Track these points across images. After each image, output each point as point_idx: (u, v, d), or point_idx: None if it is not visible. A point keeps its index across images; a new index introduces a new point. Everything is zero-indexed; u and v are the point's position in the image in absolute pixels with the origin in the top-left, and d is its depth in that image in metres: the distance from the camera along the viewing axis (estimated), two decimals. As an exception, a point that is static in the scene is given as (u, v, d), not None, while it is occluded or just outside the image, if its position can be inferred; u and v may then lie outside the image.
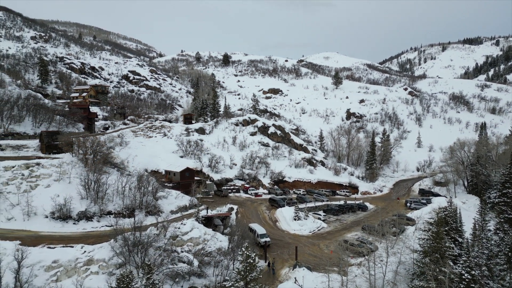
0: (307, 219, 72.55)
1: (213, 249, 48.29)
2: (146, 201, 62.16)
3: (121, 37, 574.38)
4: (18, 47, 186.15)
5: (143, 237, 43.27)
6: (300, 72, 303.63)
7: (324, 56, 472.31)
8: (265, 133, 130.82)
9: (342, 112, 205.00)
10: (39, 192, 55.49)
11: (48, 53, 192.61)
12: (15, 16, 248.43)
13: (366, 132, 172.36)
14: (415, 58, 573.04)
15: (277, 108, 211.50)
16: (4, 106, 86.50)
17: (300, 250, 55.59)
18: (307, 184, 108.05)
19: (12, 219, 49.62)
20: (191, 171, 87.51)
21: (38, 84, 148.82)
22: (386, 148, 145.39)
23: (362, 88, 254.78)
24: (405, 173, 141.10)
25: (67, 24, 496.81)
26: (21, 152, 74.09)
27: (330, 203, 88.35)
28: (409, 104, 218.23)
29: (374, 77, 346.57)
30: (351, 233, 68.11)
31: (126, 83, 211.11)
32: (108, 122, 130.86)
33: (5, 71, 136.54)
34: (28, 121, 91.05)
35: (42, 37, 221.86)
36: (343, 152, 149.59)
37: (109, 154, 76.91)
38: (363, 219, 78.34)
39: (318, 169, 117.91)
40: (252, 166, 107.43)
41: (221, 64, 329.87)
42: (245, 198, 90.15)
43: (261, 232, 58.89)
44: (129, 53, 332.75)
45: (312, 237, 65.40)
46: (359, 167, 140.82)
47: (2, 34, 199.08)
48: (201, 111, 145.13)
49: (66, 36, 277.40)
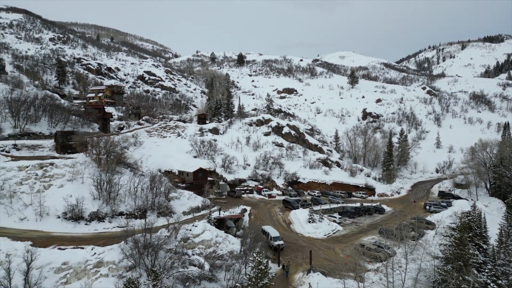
0: (322, 221, 70.67)
1: (225, 252, 47.11)
2: (158, 202, 61.56)
3: (138, 38, 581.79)
4: (37, 48, 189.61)
5: (153, 239, 42.44)
6: (315, 71, 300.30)
7: (339, 55, 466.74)
8: (279, 133, 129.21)
9: (358, 111, 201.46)
10: (52, 192, 55.50)
11: (66, 54, 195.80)
12: (35, 18, 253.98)
13: (383, 132, 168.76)
14: (433, 57, 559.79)
15: (291, 108, 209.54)
16: (21, 106, 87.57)
17: (315, 254, 53.92)
18: (322, 186, 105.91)
19: (24, 219, 49.65)
20: (204, 172, 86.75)
21: (56, 85, 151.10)
22: (403, 149, 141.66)
23: (379, 88, 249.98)
24: (424, 175, 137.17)
25: (85, 26, 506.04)
26: (36, 152, 74.74)
27: (345, 205, 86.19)
28: (428, 103, 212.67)
29: (391, 76, 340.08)
30: (368, 236, 65.92)
31: (141, 84, 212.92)
32: (123, 122, 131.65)
33: (23, 72, 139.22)
34: (44, 121, 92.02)
35: (61, 38, 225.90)
36: (359, 153, 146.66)
37: (122, 154, 76.80)
38: (380, 222, 75.95)
39: (333, 170, 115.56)
40: (266, 166, 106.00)
41: (235, 64, 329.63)
42: (259, 199, 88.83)
43: (275, 235, 57.43)
44: (145, 54, 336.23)
45: (327, 240, 63.53)
46: (376, 168, 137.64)
47: (22, 36, 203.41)
48: (215, 111, 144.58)
49: (84, 37, 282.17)
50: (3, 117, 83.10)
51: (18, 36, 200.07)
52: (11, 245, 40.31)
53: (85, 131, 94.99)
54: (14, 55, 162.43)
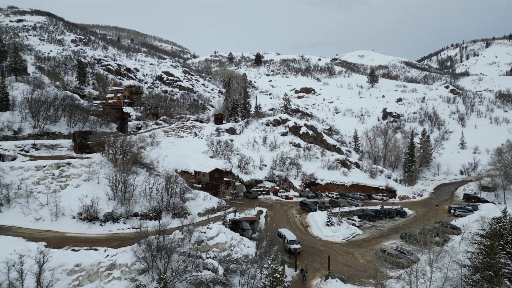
0: (341, 225, 68.41)
1: (240, 256, 45.72)
2: (173, 203, 60.82)
3: (157, 39, 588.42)
4: (59, 50, 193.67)
5: (167, 242, 41.49)
6: (333, 70, 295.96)
7: (358, 54, 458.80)
8: (297, 133, 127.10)
9: (378, 111, 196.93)
10: (68, 192, 55.54)
11: (87, 56, 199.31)
12: (57, 21, 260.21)
13: (404, 133, 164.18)
14: (456, 55, 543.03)
15: (309, 108, 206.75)
16: (41, 106, 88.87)
17: (333, 259, 51.85)
18: (341, 187, 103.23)
19: (40, 219, 49.71)
20: (220, 172, 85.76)
21: (76, 85, 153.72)
22: (426, 150, 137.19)
23: (400, 87, 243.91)
24: (447, 177, 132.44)
25: (107, 28, 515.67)
26: (55, 152, 75.55)
27: (365, 208, 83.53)
28: (451, 103, 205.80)
29: (412, 75, 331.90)
30: (389, 241, 63.33)
31: (160, 84, 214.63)
32: (141, 122, 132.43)
33: (45, 73, 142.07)
34: (63, 121, 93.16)
35: (82, 40, 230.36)
36: (379, 154, 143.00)
37: (139, 154, 76.72)
38: (401, 226, 73.10)
39: (352, 171, 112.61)
40: (283, 167, 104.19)
41: (253, 64, 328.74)
42: (275, 201, 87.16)
43: (291, 238, 55.68)
44: (164, 55, 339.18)
45: (346, 244, 61.30)
46: (397, 170, 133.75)
47: (45, 38, 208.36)
48: (232, 111, 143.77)
49: (105, 39, 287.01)
50: (23, 117, 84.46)
51: (41, 38, 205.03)
52: (25, 245, 40.20)
53: (103, 131, 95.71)
54: (37, 56, 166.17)
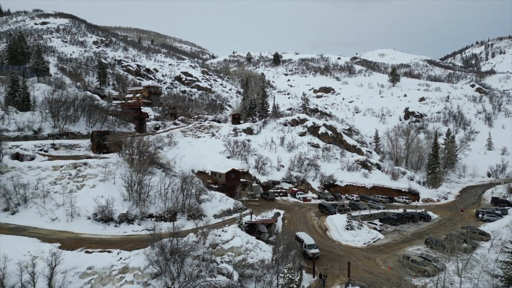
0: (361, 228, 65.89)
1: (256, 260, 44.16)
2: (188, 204, 59.85)
3: (177, 40, 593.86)
4: (81, 51, 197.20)
5: (180, 245, 40.35)
6: (353, 69, 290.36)
7: (379, 53, 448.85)
8: (315, 133, 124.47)
9: (400, 111, 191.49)
10: (84, 193, 55.40)
11: (108, 56, 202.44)
12: (80, 23, 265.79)
13: (427, 133, 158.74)
14: (481, 53, 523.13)
15: (328, 107, 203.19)
16: (61, 106, 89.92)
17: (353, 265, 49.61)
18: (361, 189, 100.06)
19: (56, 220, 49.64)
20: (237, 173, 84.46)
21: (97, 86, 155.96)
22: (450, 151, 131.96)
23: (422, 85, 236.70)
24: (474, 179, 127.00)
25: (128, 30, 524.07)
26: (73, 152, 76.07)
27: (387, 211, 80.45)
28: (477, 102, 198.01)
29: (435, 73, 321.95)
30: (413, 247, 60.46)
31: (178, 84, 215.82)
32: (159, 122, 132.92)
33: (67, 74, 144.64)
34: (82, 121, 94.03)
35: (103, 41, 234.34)
36: (401, 155, 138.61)
37: (155, 154, 76.24)
38: (426, 231, 69.88)
39: (373, 172, 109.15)
40: (301, 168, 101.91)
41: (271, 63, 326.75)
42: (293, 203, 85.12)
43: (310, 243, 53.70)
44: (184, 56, 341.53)
45: (367, 249, 58.79)
46: (419, 171, 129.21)
47: (68, 39, 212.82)
48: (249, 111, 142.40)
49: (126, 40, 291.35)
50: (44, 117, 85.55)
51: (64, 40, 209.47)
52: (38, 247, 39.96)
53: (121, 131, 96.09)
54: (60, 57, 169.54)
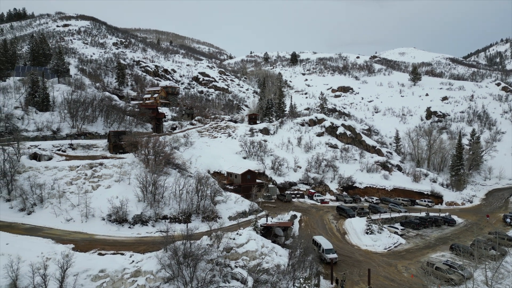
0: (381, 233, 63.36)
1: (271, 265, 42.62)
2: (203, 206, 58.89)
3: (195, 41, 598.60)
4: (101, 52, 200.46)
5: (194, 249, 39.28)
6: (373, 68, 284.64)
7: (399, 51, 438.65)
8: (333, 133, 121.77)
9: (421, 110, 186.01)
10: (99, 193, 55.22)
11: (127, 58, 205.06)
12: (100, 25, 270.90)
13: (451, 133, 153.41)
14: (506, 51, 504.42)
15: (346, 107, 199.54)
16: (80, 107, 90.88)
17: (373, 271, 47.37)
18: (381, 191, 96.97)
19: (70, 220, 49.54)
20: (253, 174, 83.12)
21: (116, 87, 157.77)
22: (476, 152, 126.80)
23: (445, 84, 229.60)
24: (500, 181, 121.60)
25: (147, 32, 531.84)
26: (90, 152, 76.54)
27: (408, 214, 77.33)
28: (503, 101, 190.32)
29: (458, 72, 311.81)
30: (436, 253, 57.53)
31: (196, 85, 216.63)
32: (176, 123, 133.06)
33: (86, 75, 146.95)
34: (100, 121, 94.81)
35: (123, 43, 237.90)
36: (422, 156, 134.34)
37: (171, 154, 75.81)
38: (450, 236, 66.62)
39: (393, 174, 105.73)
40: (318, 169, 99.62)
41: (289, 63, 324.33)
42: (310, 205, 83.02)
43: (327, 247, 51.70)
44: (201, 56, 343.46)
45: (388, 255, 56.27)
46: (442, 173, 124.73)
47: (88, 41, 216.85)
48: (266, 111, 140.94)
49: (145, 42, 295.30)
50: (62, 117, 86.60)
51: (85, 41, 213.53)
52: (52, 248, 39.67)
53: (138, 131, 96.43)
54: (80, 59, 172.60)
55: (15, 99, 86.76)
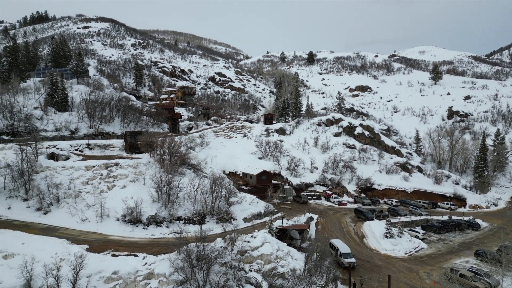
0: (402, 236, 61.23)
1: (286, 269, 41.41)
2: (218, 207, 58.10)
3: (212, 41, 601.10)
4: (119, 53, 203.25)
5: (207, 251, 38.45)
6: (391, 67, 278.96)
7: (419, 50, 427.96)
8: (351, 134, 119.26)
9: (443, 110, 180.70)
10: (114, 193, 55.18)
11: (144, 58, 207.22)
12: (119, 26, 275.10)
13: (474, 133, 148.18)
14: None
15: (365, 107, 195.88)
16: (97, 107, 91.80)
17: (393, 277, 45.51)
18: (401, 194, 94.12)
19: (86, 221, 49.58)
20: (268, 175, 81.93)
21: (133, 87, 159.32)
22: (500, 153, 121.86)
23: (467, 83, 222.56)
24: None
25: (165, 33, 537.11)
26: (107, 152, 77.05)
27: (430, 217, 74.65)
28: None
29: (481, 70, 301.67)
30: (460, 259, 55.11)
31: (212, 85, 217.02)
32: (192, 123, 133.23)
33: (105, 75, 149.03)
34: (117, 122, 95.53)
35: (141, 44, 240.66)
36: (444, 157, 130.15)
37: (186, 154, 75.47)
38: (475, 241, 63.86)
39: (414, 175, 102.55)
40: (336, 170, 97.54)
41: (305, 63, 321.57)
42: (327, 207, 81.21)
43: (345, 251, 50.11)
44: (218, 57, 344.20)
45: (409, 260, 54.18)
46: (465, 175, 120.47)
47: (107, 43, 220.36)
48: (282, 111, 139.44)
49: (162, 42, 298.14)
50: (80, 117, 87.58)
51: (104, 43, 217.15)
52: (66, 248, 39.59)
53: (154, 131, 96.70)
54: (99, 60, 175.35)
55: (34, 99, 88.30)
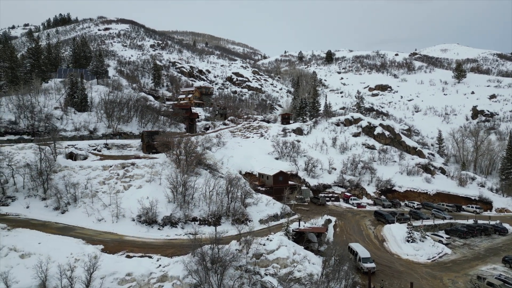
0: (424, 241, 58.76)
1: (303, 274, 40.11)
2: (233, 208, 57.28)
3: (230, 42, 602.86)
4: (138, 54, 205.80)
5: (222, 254, 37.62)
6: (412, 66, 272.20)
7: (441, 48, 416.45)
8: (371, 134, 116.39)
9: (467, 109, 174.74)
10: (130, 193, 55.17)
11: (163, 59, 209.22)
12: (139, 28, 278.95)
13: (500, 134, 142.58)
14: None
15: (385, 106, 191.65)
16: (116, 107, 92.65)
17: (416, 284, 43.48)
18: (423, 196, 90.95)
19: (102, 220, 49.68)
20: (285, 175, 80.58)
21: (152, 87, 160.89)
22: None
23: (492, 82, 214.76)
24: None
25: (184, 34, 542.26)
26: (124, 151, 77.49)
27: (454, 221, 71.53)
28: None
29: (507, 68, 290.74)
30: (487, 265, 52.27)
31: (229, 85, 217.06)
32: (209, 123, 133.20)
33: (124, 76, 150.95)
34: (135, 121, 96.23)
35: (160, 45, 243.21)
36: (468, 158, 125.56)
37: (202, 154, 75.06)
38: (502, 247, 60.64)
39: (436, 177, 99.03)
40: (354, 171, 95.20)
41: (323, 62, 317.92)
42: (345, 209, 79.14)
43: (364, 256, 48.29)
44: (236, 57, 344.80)
45: (432, 266, 51.78)
46: (491, 177, 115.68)
47: (127, 44, 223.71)
48: (299, 110, 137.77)
49: (181, 43, 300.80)
50: (99, 117, 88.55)
51: (124, 44, 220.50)
52: (82, 249, 39.56)
53: (171, 131, 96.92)
54: (119, 61, 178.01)
55: (55, 99, 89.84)
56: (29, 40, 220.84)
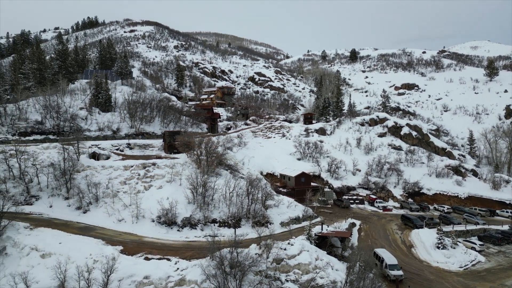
0: (456, 248, 55.49)
1: (326, 281, 38.31)
2: (254, 210, 55.99)
3: (253, 42, 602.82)
4: (162, 55, 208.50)
5: (241, 258, 36.42)
6: (441, 64, 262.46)
7: (471, 45, 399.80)
8: (397, 134, 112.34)
9: (500, 108, 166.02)
10: (150, 194, 54.96)
11: (186, 59, 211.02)
12: (163, 29, 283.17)
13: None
14: None
15: (411, 106, 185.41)
16: (139, 107, 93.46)
17: (447, 295, 40.78)
18: (453, 199, 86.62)
19: (122, 221, 49.59)
20: (307, 177, 78.59)
21: (175, 88, 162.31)
22: None
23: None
24: None
25: (207, 35, 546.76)
26: (146, 151, 77.84)
27: (487, 227, 67.50)
28: None
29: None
30: (525, 275, 48.59)
31: (251, 85, 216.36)
32: (231, 123, 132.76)
33: (148, 77, 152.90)
34: (157, 122, 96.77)
35: (183, 45, 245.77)
36: (501, 159, 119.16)
37: (223, 155, 74.31)
38: (542, 256, 56.42)
39: (468, 180, 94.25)
40: (380, 173, 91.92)
41: (347, 60, 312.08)
42: (370, 212, 76.33)
43: (391, 262, 45.87)
44: (258, 57, 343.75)
45: (464, 275, 48.66)
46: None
47: (152, 45, 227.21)
48: (322, 110, 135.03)
49: (204, 44, 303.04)
50: (122, 118, 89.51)
51: (148, 45, 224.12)
52: (101, 249, 39.38)
53: (193, 131, 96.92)
54: (144, 62, 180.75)
55: (80, 100, 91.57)
56: (58, 43, 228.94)
